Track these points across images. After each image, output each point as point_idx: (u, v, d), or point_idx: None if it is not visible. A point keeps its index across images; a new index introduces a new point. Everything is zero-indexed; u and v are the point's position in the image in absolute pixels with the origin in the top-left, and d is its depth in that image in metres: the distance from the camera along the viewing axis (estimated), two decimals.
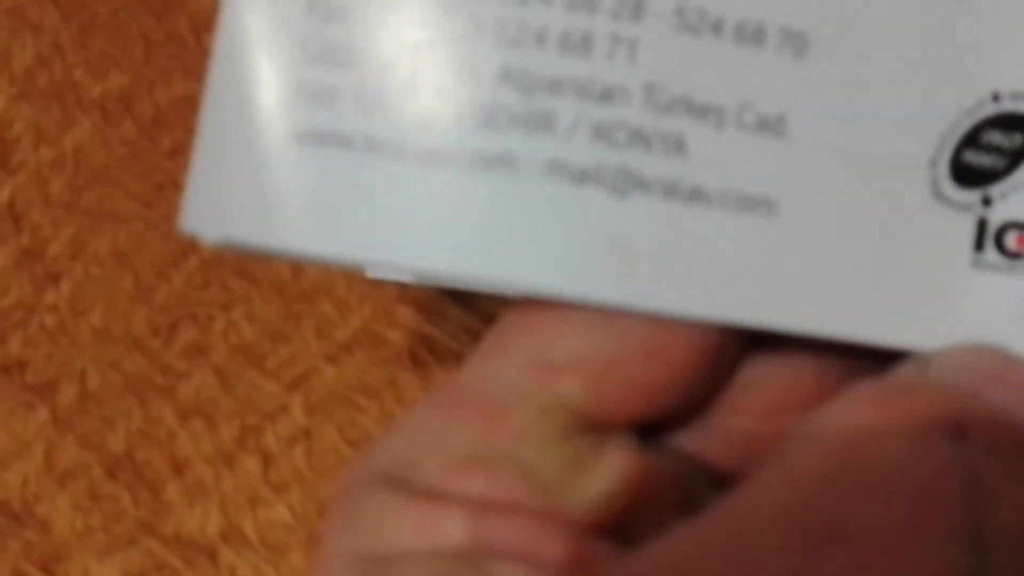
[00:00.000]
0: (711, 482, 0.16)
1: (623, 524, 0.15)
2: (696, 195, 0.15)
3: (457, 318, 0.21)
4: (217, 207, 0.15)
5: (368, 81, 0.14)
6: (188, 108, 0.24)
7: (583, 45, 0.14)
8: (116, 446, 0.22)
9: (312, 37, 0.14)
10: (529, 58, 0.14)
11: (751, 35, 0.15)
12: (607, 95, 0.14)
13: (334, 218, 0.15)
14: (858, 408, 0.14)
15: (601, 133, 0.14)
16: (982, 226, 0.15)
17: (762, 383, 0.16)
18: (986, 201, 0.15)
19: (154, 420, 0.22)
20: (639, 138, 0.14)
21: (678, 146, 0.14)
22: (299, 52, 0.14)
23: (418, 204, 0.14)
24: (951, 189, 0.15)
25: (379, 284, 0.21)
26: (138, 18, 0.25)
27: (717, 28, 0.14)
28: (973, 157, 0.15)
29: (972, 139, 0.15)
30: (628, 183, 0.14)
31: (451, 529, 0.14)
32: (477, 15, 0.14)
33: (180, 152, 0.24)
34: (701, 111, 0.14)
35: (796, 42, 0.15)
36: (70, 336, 0.23)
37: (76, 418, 0.23)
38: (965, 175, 0.15)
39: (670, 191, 0.14)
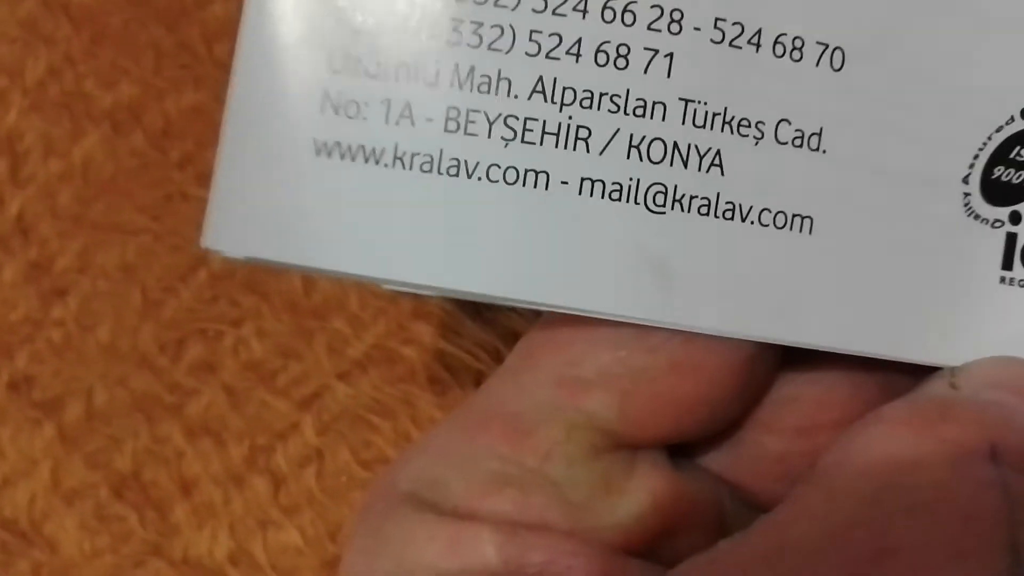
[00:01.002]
0: (743, 502, 0.16)
1: (655, 545, 0.15)
2: (733, 212, 0.14)
3: (474, 335, 0.21)
4: (239, 223, 0.14)
5: (396, 93, 0.14)
6: (198, 119, 0.24)
7: (619, 58, 0.14)
8: (123, 465, 0.22)
9: (339, 48, 0.14)
10: (563, 71, 0.14)
11: (790, 49, 0.14)
12: (643, 109, 0.14)
13: (361, 234, 0.14)
14: (897, 430, 0.14)
15: (637, 148, 0.14)
16: (1011, 242, 0.15)
17: (795, 401, 0.16)
18: (1015, 218, 0.15)
19: (162, 439, 0.22)
20: (676, 154, 0.14)
21: (714, 163, 0.14)
22: (325, 63, 0.14)
23: (448, 220, 0.14)
24: (982, 206, 0.15)
25: (394, 299, 0.21)
26: (149, 28, 0.25)
27: (756, 42, 0.14)
28: (1003, 173, 0.15)
29: (1002, 156, 0.15)
30: (664, 200, 0.14)
31: (482, 549, 0.14)
32: (510, 25, 0.14)
33: (189, 163, 0.23)
34: (739, 126, 0.14)
35: (834, 56, 0.15)
36: (77, 352, 0.23)
37: (83, 436, 0.22)
38: (995, 192, 0.15)
39: (707, 208, 0.14)
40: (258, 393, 0.21)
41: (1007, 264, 0.15)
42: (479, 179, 0.14)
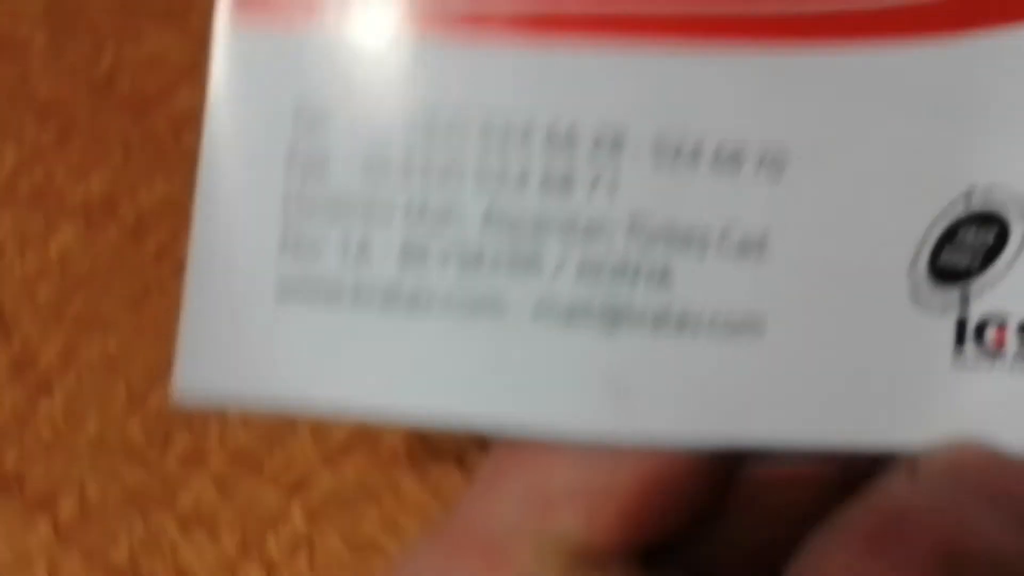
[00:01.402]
0: None
1: None
2: (684, 324, 0.15)
3: None
4: (206, 370, 0.15)
5: (351, 233, 0.15)
6: (170, 210, 0.24)
7: (564, 184, 0.15)
8: (119, 559, 0.22)
9: (293, 192, 0.15)
10: (512, 200, 0.15)
11: (729, 160, 0.15)
12: (591, 232, 0.15)
13: (326, 375, 0.15)
14: (854, 548, 0.14)
15: (587, 270, 0.15)
16: (961, 324, 0.16)
17: (765, 494, 0.16)
18: (964, 299, 0.16)
19: (156, 531, 0.23)
20: (625, 272, 0.15)
21: (664, 277, 0.15)
22: (280, 207, 0.15)
23: (408, 354, 0.15)
24: (930, 291, 0.16)
25: None
26: (115, 119, 0.25)
27: (695, 157, 0.15)
28: (949, 256, 0.16)
29: (947, 239, 0.16)
30: (617, 318, 0.15)
31: None
32: (458, 160, 0.15)
33: (165, 255, 0.24)
34: (684, 240, 0.15)
35: (774, 163, 0.15)
36: (67, 448, 0.23)
37: (78, 531, 0.23)
38: (942, 275, 0.16)
39: (658, 322, 0.15)
40: (246, 482, 0.22)
41: (958, 348, 0.16)
42: (437, 310, 0.15)
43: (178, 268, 0.26)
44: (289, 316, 0.15)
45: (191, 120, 0.25)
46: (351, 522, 0.21)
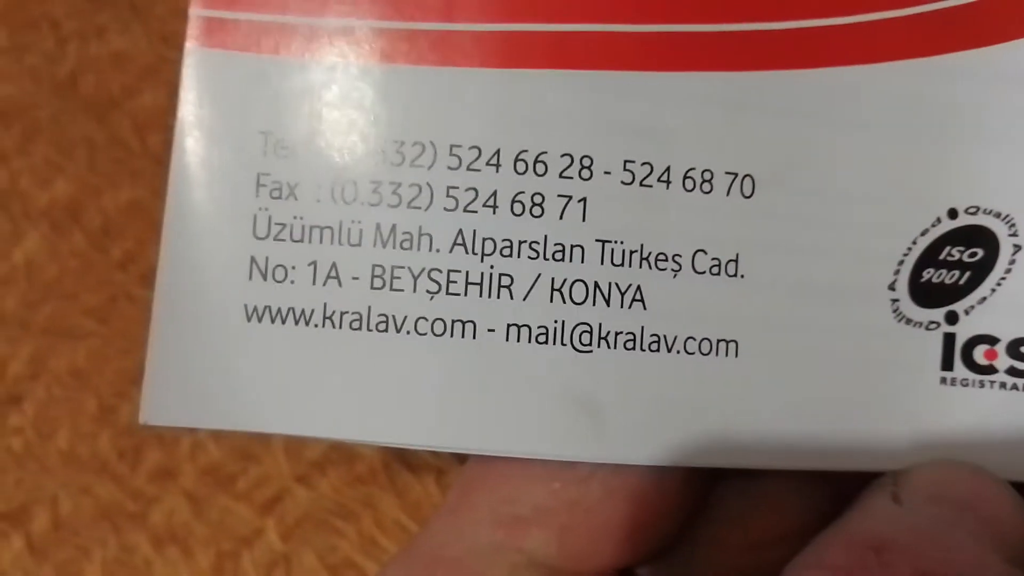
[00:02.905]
0: None
1: None
2: (658, 343, 0.16)
3: None
4: (176, 395, 0.16)
5: (322, 255, 0.16)
6: (137, 215, 0.25)
7: (535, 206, 0.15)
8: (93, 575, 0.23)
9: (262, 216, 0.16)
10: (482, 223, 0.16)
11: (700, 182, 0.16)
12: (562, 253, 0.16)
13: (297, 395, 0.16)
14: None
15: (559, 291, 0.16)
16: (949, 343, 0.16)
17: (744, 516, 0.17)
18: (951, 318, 0.16)
19: (129, 548, 0.23)
20: (597, 293, 0.16)
21: (636, 297, 0.16)
22: (250, 231, 0.16)
23: (380, 375, 0.16)
24: (913, 310, 0.16)
25: None
26: (80, 122, 0.26)
27: (665, 179, 0.16)
28: (934, 275, 0.16)
29: (931, 257, 0.16)
30: (590, 338, 0.16)
31: None
32: (427, 183, 0.15)
33: (132, 263, 0.25)
34: (656, 261, 0.16)
35: (744, 184, 0.16)
36: (38, 460, 0.24)
37: (51, 547, 0.24)
38: (927, 294, 0.16)
39: (632, 342, 0.16)
40: (219, 499, 0.23)
41: (947, 364, 0.16)
42: (407, 333, 0.15)
43: (145, 276, 0.27)
44: (259, 338, 0.16)
45: (156, 121, 0.26)
46: (328, 541, 0.22)
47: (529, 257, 0.15)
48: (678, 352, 0.16)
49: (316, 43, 0.16)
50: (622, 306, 0.16)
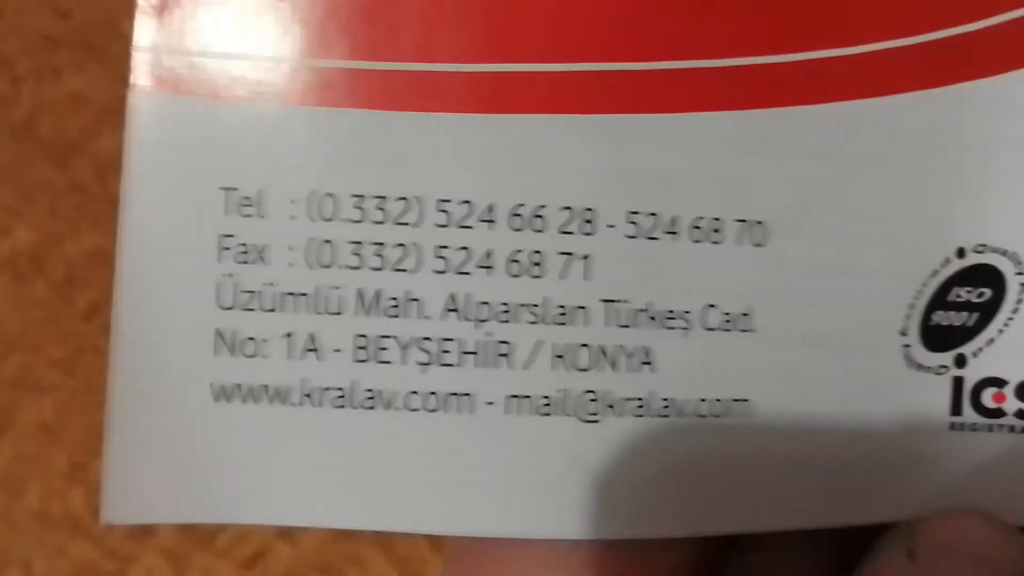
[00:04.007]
0: None
1: None
2: (668, 408, 0.13)
3: None
4: (138, 490, 0.13)
5: (298, 326, 0.13)
6: (100, 263, 0.22)
7: (533, 266, 0.13)
8: None
9: (226, 281, 0.13)
10: (476, 285, 0.13)
11: (709, 231, 0.13)
12: (564, 316, 0.13)
13: (273, 481, 0.13)
14: None
15: (562, 358, 0.13)
16: (958, 387, 0.14)
17: (754, 572, 0.15)
18: (960, 361, 0.14)
19: None
20: (603, 358, 0.13)
21: (645, 360, 0.13)
22: (212, 299, 0.12)
23: (368, 457, 0.13)
24: (923, 354, 0.14)
25: None
26: (39, 166, 0.23)
27: (673, 230, 0.13)
28: (943, 318, 0.14)
29: (940, 300, 0.14)
30: (597, 407, 0.13)
31: None
32: (414, 243, 0.12)
33: (96, 313, 0.21)
34: (665, 319, 0.13)
35: (755, 232, 0.13)
36: (9, 520, 0.21)
37: None
38: (936, 337, 0.14)
39: (641, 408, 0.13)
40: (199, 556, 0.20)
41: (956, 410, 0.14)
42: (397, 409, 0.13)
43: (109, 327, 0.24)
44: (229, 420, 0.12)
45: (117, 164, 0.23)
46: None
47: (529, 322, 0.13)
48: (690, 416, 0.13)
49: (283, 82, 0.12)
50: (630, 370, 0.13)
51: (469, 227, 0.12)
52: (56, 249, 0.22)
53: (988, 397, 0.14)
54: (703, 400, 0.13)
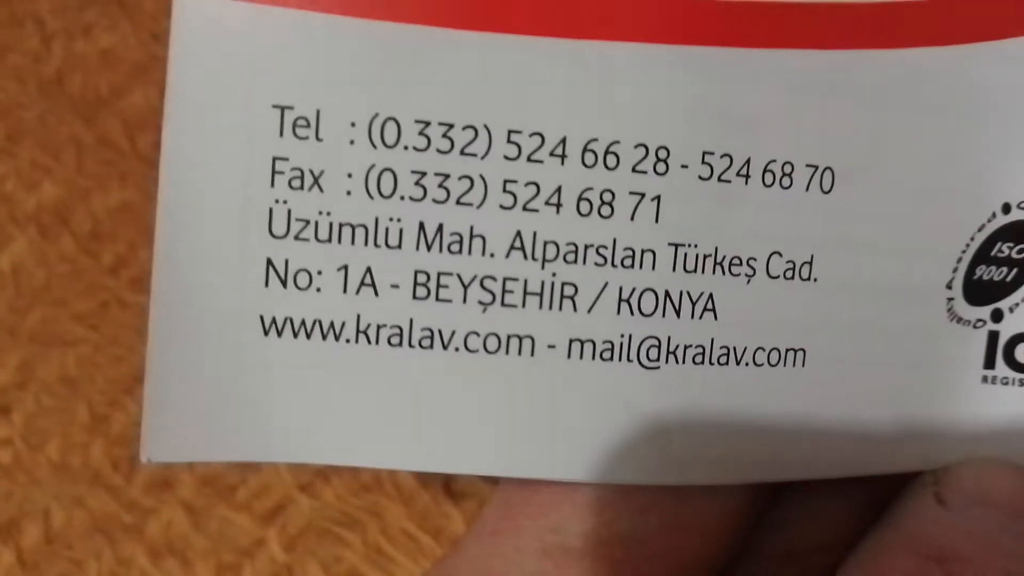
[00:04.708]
0: None
1: None
2: (727, 356, 0.12)
3: None
4: (181, 425, 0.11)
5: (354, 259, 0.11)
6: (127, 218, 0.20)
7: (603, 205, 0.11)
8: None
9: (279, 208, 0.11)
10: (543, 223, 0.11)
11: (780, 176, 0.12)
12: (632, 259, 0.11)
13: (324, 419, 0.11)
14: None
15: (627, 302, 0.12)
16: (993, 341, 0.13)
17: (785, 526, 0.14)
18: (996, 315, 0.13)
19: (125, 561, 0.19)
20: (668, 303, 0.12)
21: (708, 307, 0.12)
22: (264, 227, 0.11)
23: (423, 397, 0.11)
24: (964, 308, 0.13)
25: None
26: (67, 122, 0.21)
27: (745, 172, 0.12)
28: (984, 272, 0.13)
29: (984, 255, 0.13)
30: (658, 353, 0.12)
31: None
32: (481, 176, 0.11)
33: (123, 267, 0.20)
34: (730, 266, 0.12)
35: (824, 178, 0.12)
36: (28, 472, 0.19)
37: (44, 561, 0.19)
38: (977, 292, 0.13)
39: (701, 356, 0.12)
40: (219, 509, 0.18)
41: (989, 363, 0.13)
42: (456, 350, 0.11)
43: (137, 281, 0.22)
44: (279, 355, 0.11)
45: (147, 121, 0.21)
46: (332, 551, 0.18)
47: (596, 264, 0.11)
48: (747, 364, 0.12)
49: None
50: (693, 316, 0.12)
51: (539, 161, 0.11)
52: (83, 204, 0.20)
53: (1021, 352, 0.13)
54: (760, 349, 0.12)
